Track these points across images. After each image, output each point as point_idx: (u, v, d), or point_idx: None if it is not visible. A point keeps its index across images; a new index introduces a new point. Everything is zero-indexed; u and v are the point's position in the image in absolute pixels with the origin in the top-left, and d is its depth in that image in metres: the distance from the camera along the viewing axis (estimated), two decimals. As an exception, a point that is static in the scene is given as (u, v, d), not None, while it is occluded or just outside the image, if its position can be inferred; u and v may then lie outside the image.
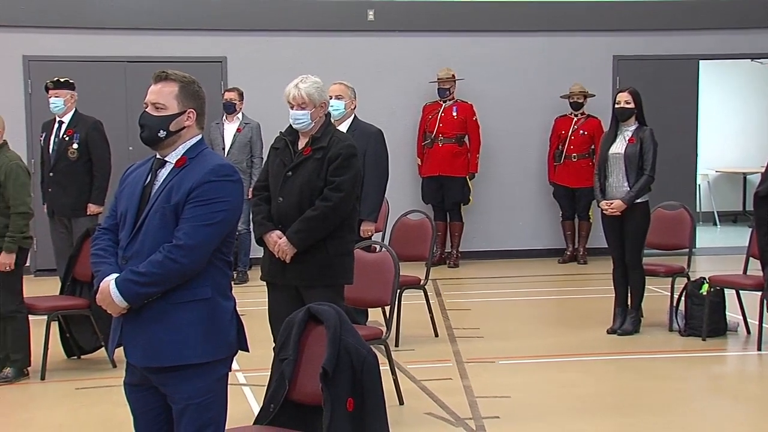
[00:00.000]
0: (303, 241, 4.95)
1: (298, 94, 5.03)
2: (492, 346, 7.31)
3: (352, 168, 5.07)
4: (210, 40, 10.92)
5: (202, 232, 3.32)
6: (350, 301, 5.43)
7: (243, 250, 9.94)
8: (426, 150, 11.10)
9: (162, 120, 3.44)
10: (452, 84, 11.04)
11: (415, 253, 7.67)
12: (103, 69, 10.63)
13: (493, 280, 10.35)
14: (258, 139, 9.95)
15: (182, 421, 3.40)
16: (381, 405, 3.78)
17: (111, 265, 3.42)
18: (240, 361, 3.59)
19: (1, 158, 6.27)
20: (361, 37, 11.25)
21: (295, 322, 3.93)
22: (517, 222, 11.65)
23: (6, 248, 6.19)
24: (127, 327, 3.41)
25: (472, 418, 5.52)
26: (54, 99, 7.99)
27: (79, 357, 6.92)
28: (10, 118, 6.63)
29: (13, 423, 5.65)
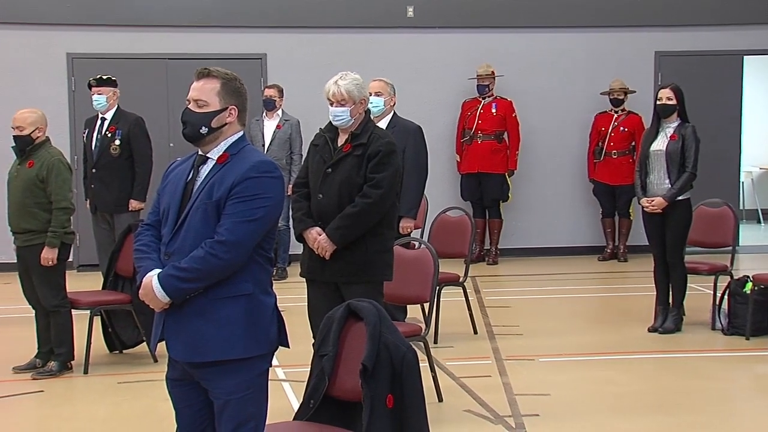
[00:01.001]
0: (343, 238, 4.96)
1: (338, 91, 5.04)
2: (532, 343, 7.28)
3: (391, 165, 5.07)
4: (250, 37, 10.97)
5: (243, 228, 3.34)
6: (389, 298, 5.44)
7: (282, 246, 9.98)
8: (465, 147, 11.07)
9: (204, 117, 3.46)
10: (491, 80, 10.99)
11: (454, 250, 7.65)
12: (144, 66, 10.72)
13: (532, 278, 10.30)
14: (297, 136, 9.98)
15: (223, 416, 3.42)
16: (420, 402, 3.77)
17: (153, 261, 3.45)
18: (279, 356, 3.61)
19: (43, 154, 6.36)
20: (401, 33, 11.24)
21: (335, 318, 3.94)
22: (557, 219, 11.58)
23: (48, 243, 6.27)
24: (169, 322, 3.44)
25: (511, 415, 5.50)
26: (97, 96, 8.09)
27: (121, 351, 6.99)
28: (54, 114, 6.73)
29: (57, 416, 5.73)
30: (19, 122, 6.33)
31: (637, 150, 9.95)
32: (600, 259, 11.23)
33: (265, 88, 10.20)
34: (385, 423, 3.65)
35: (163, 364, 3.61)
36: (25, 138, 6.33)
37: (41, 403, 5.99)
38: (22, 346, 6.85)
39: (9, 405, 5.89)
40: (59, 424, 5.54)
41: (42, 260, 6.27)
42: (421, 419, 3.76)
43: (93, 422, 5.57)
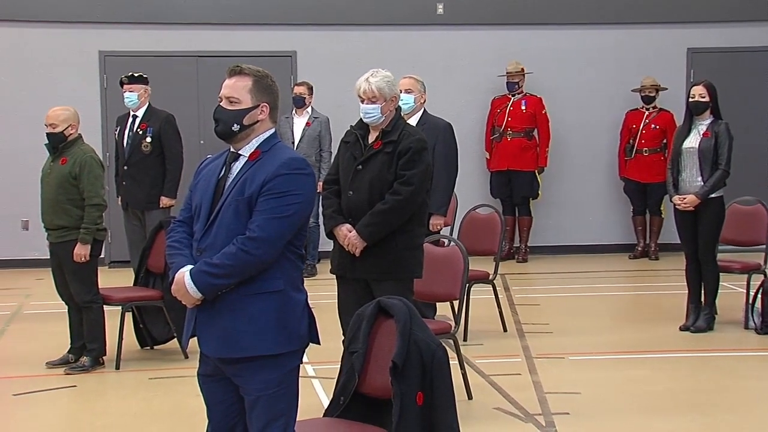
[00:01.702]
0: (373, 235, 4.96)
1: (369, 88, 5.04)
2: (562, 341, 7.25)
3: (422, 162, 5.06)
4: (280, 35, 11.01)
5: (274, 224, 3.35)
6: (419, 295, 5.43)
7: (312, 243, 10.00)
8: (494, 144, 11.04)
9: (236, 114, 3.47)
10: (521, 78, 10.95)
11: (484, 248, 7.63)
12: (175, 64, 10.79)
13: (562, 276, 10.26)
14: (327, 133, 10.00)
15: (254, 412, 3.43)
16: (450, 399, 3.77)
17: (186, 257, 3.47)
18: (309, 353, 3.61)
19: (75, 151, 6.41)
20: (431, 30, 11.22)
21: (365, 315, 3.95)
22: (587, 217, 11.52)
23: (81, 239, 6.32)
24: (201, 318, 3.46)
25: (541, 413, 5.47)
26: (128, 93, 8.14)
27: (152, 347, 7.04)
28: (86, 112, 6.78)
29: (90, 411, 5.78)
30: (52, 119, 6.38)
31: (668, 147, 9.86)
32: (631, 257, 11.15)
33: (295, 85, 10.22)
34: (415, 420, 3.65)
35: (194, 360, 3.63)
36: (58, 135, 6.39)
37: (74, 397, 6.05)
38: (55, 341, 6.92)
39: (42, 399, 5.95)
40: (91, 419, 5.59)
41: (75, 256, 6.32)
42: (451, 417, 3.75)
43: (125, 417, 5.61)
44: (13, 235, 10.60)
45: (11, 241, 10.61)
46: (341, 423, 3.85)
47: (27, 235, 10.49)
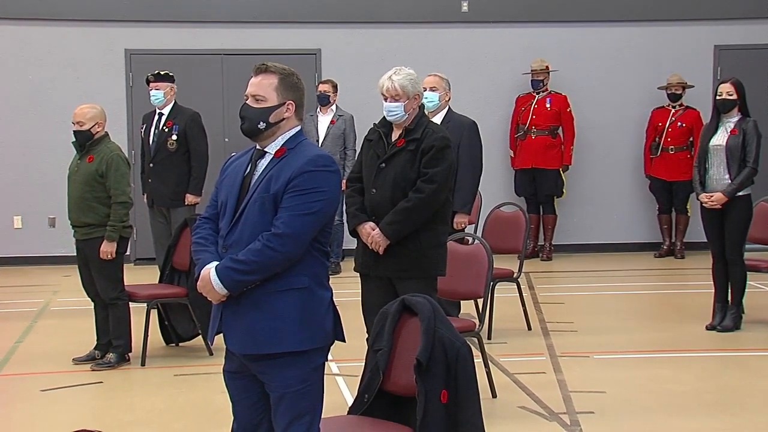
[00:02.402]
0: (396, 233, 4.96)
1: (392, 86, 5.04)
2: (586, 340, 7.22)
3: (445, 160, 5.06)
4: (305, 33, 11.03)
5: (300, 221, 3.36)
6: (443, 293, 5.42)
7: (336, 241, 10.01)
8: (519, 142, 11.01)
9: (262, 112, 3.48)
10: (546, 75, 10.91)
11: (508, 246, 7.61)
12: (201, 62, 10.84)
13: (587, 274, 10.21)
14: (351, 131, 10.00)
15: (279, 408, 3.44)
16: (475, 397, 3.76)
17: (211, 254, 3.48)
18: (333, 351, 3.62)
19: (102, 149, 6.45)
20: (455, 28, 11.21)
21: (390, 313, 3.95)
22: (612, 215, 11.46)
23: (107, 237, 6.36)
24: (226, 314, 3.47)
25: (566, 412, 5.46)
26: (154, 91, 8.18)
27: (177, 344, 7.07)
28: (112, 110, 6.83)
29: (116, 407, 5.81)
30: (79, 117, 6.43)
31: (695, 145, 9.81)
32: (656, 255, 11.09)
33: (319, 83, 10.23)
34: (439, 418, 3.65)
35: (219, 357, 3.65)
36: (85, 133, 6.43)
37: (100, 393, 6.09)
38: (81, 337, 6.97)
39: (69, 395, 6.00)
40: (117, 415, 5.63)
41: (101, 253, 6.36)
42: (476, 415, 3.75)
43: (150, 413, 5.64)
44: (40, 232, 10.69)
45: (38, 238, 10.70)
46: (366, 421, 3.86)
47: (54, 232, 10.58)
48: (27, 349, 7.14)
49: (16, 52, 10.64)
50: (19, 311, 8.39)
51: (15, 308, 8.53)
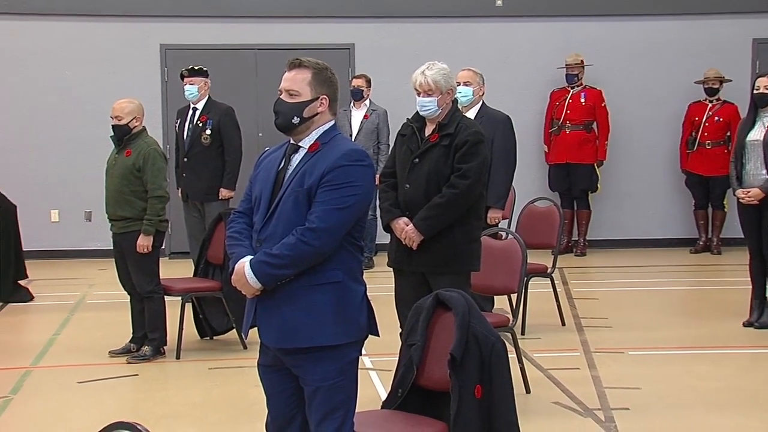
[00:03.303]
0: (430, 228, 4.96)
1: (425, 81, 5.03)
2: (621, 336, 7.17)
3: (479, 155, 5.04)
4: (338, 27, 11.03)
5: (334, 215, 3.37)
6: (477, 288, 5.41)
7: (369, 236, 10.01)
8: (553, 137, 10.95)
9: (296, 106, 3.49)
10: (580, 70, 10.84)
11: (542, 241, 7.58)
12: (234, 57, 10.88)
13: (621, 270, 10.14)
14: (385, 126, 10.00)
15: (313, 402, 3.45)
16: (509, 393, 3.76)
17: (246, 248, 3.50)
18: (366, 345, 3.62)
19: (139, 143, 6.50)
20: (489, 23, 11.16)
21: (423, 308, 3.95)
22: (647, 210, 11.36)
23: (144, 231, 6.41)
24: (260, 308, 3.48)
25: (600, 408, 5.42)
26: (189, 86, 8.23)
27: (211, 338, 7.11)
28: (147, 105, 6.87)
29: (151, 399, 5.86)
30: (117, 112, 6.48)
31: (732, 140, 9.69)
32: (692, 251, 10.98)
33: (353, 78, 10.24)
34: (473, 413, 3.65)
35: (253, 351, 3.67)
36: (123, 127, 6.48)
37: (136, 386, 6.15)
38: (117, 330, 7.03)
39: (105, 387, 6.06)
40: (152, 407, 5.68)
41: (137, 247, 6.41)
42: (510, 410, 3.74)
43: (185, 406, 5.68)
44: (77, 226, 10.80)
45: (75, 231, 10.81)
46: (399, 415, 3.86)
47: (90, 226, 10.68)
48: (64, 341, 7.22)
49: (54, 48, 10.74)
50: (57, 304, 8.49)
51: (52, 301, 8.62)
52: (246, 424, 5.25)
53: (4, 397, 5.78)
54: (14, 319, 8.04)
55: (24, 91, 10.66)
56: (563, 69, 10.88)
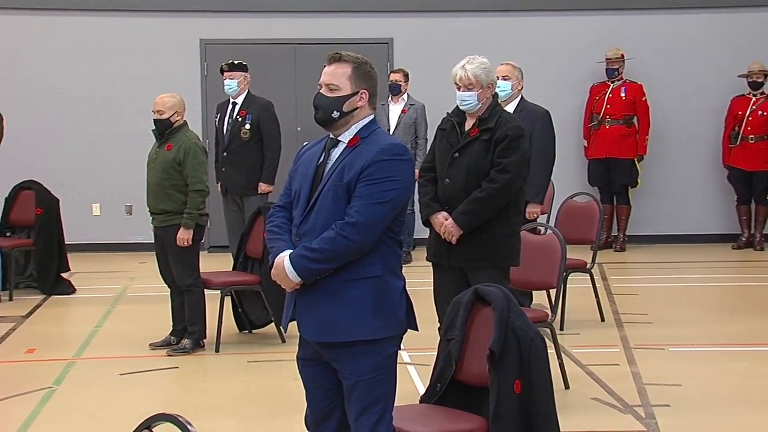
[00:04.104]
0: (469, 223, 4.94)
1: (465, 75, 5.01)
2: (661, 332, 7.10)
3: (519, 149, 5.02)
4: (377, 22, 11.03)
5: (373, 210, 3.37)
6: (515, 284, 5.39)
7: (407, 230, 10.01)
8: (592, 131, 10.87)
9: (335, 101, 3.49)
10: (621, 64, 10.74)
11: (581, 236, 7.54)
12: (274, 51, 10.91)
13: (661, 265, 10.04)
14: (423, 120, 9.98)
15: (352, 396, 3.46)
16: (548, 388, 3.74)
17: (285, 242, 3.51)
18: (404, 340, 3.62)
19: (180, 138, 6.54)
20: (529, 17, 11.09)
21: (462, 302, 3.94)
22: (688, 206, 11.23)
23: (184, 224, 6.46)
24: (300, 302, 3.50)
25: (640, 405, 5.38)
26: (228, 81, 8.27)
27: (250, 331, 7.15)
28: (186, 99, 6.91)
29: (191, 392, 5.92)
30: (159, 106, 6.53)
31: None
32: (734, 247, 10.84)
33: (391, 72, 10.23)
34: (512, 408, 3.64)
35: (291, 344, 3.69)
36: (164, 122, 6.53)
37: (176, 378, 6.20)
38: (157, 323, 7.10)
39: (146, 379, 6.12)
40: (192, 400, 5.72)
41: (178, 240, 6.46)
42: (549, 406, 3.73)
43: (224, 399, 5.72)
44: (118, 219, 10.91)
45: (116, 225, 10.91)
46: (438, 410, 3.86)
47: (130, 219, 10.79)
48: (106, 333, 7.30)
49: (95, 42, 10.85)
50: (98, 296, 8.59)
51: (94, 293, 8.73)
52: (285, 417, 5.27)
53: (48, 388, 5.86)
54: (57, 311, 8.15)
55: (66, 86, 10.78)
56: (603, 63, 10.79)
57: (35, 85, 10.71)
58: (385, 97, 10.03)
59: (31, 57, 10.74)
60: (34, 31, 10.80)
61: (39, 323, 7.64)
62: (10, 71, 10.61)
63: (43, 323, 7.66)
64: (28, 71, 10.72)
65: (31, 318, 7.78)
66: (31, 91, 10.68)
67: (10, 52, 10.69)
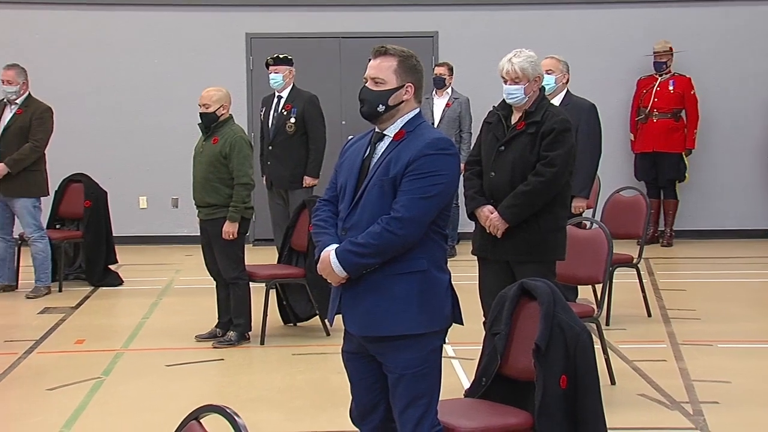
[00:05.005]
0: (515, 216, 4.92)
1: (512, 68, 4.98)
2: (710, 328, 7.02)
3: (565, 143, 4.99)
4: (422, 15, 11.01)
5: (419, 204, 3.37)
6: (561, 278, 5.35)
7: (452, 224, 9.99)
8: (639, 125, 10.76)
9: (381, 94, 3.49)
10: (669, 57, 10.61)
11: (628, 231, 7.48)
12: (318, 45, 10.94)
13: (710, 261, 9.92)
14: (467, 114, 9.95)
15: (397, 390, 3.46)
16: (595, 384, 3.72)
17: (331, 236, 3.52)
18: (449, 334, 3.61)
19: (226, 131, 6.59)
20: (574, 9, 11.00)
21: (508, 297, 3.93)
22: (737, 200, 11.07)
23: (229, 218, 6.50)
24: (345, 296, 3.50)
25: (688, 401, 5.32)
26: (274, 75, 8.30)
27: (294, 324, 7.18)
28: (232, 93, 6.95)
29: (236, 384, 5.96)
30: (205, 100, 6.58)
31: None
32: (784, 242, 10.69)
33: (436, 66, 10.21)
34: (558, 404, 3.62)
35: (335, 337, 3.70)
36: (210, 115, 6.57)
37: (221, 371, 6.25)
38: (203, 315, 7.16)
39: (192, 371, 6.18)
40: (237, 392, 5.77)
41: (223, 234, 6.51)
42: (596, 402, 3.70)
43: (269, 391, 5.76)
44: (164, 212, 11.02)
45: (162, 218, 11.03)
46: (483, 404, 3.85)
47: (176, 212, 10.90)
48: (153, 325, 7.38)
49: (142, 37, 10.96)
50: (145, 288, 8.69)
51: (141, 285, 8.83)
52: (330, 409, 5.29)
53: (96, 378, 5.95)
54: (105, 303, 8.26)
55: (114, 80, 10.91)
56: (650, 57, 10.66)
57: (84, 80, 10.85)
58: (430, 90, 10.01)
59: (79, 52, 10.87)
60: (82, 26, 10.93)
61: (88, 314, 7.75)
62: (60, 66, 10.76)
63: (92, 314, 7.77)
64: (77, 66, 10.86)
65: (80, 309, 7.89)
66: (80, 86, 10.82)
67: (59, 47, 10.84)
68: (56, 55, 10.81)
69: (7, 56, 9.18)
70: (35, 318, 7.56)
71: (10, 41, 10.58)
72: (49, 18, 10.91)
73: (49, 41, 10.83)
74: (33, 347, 6.68)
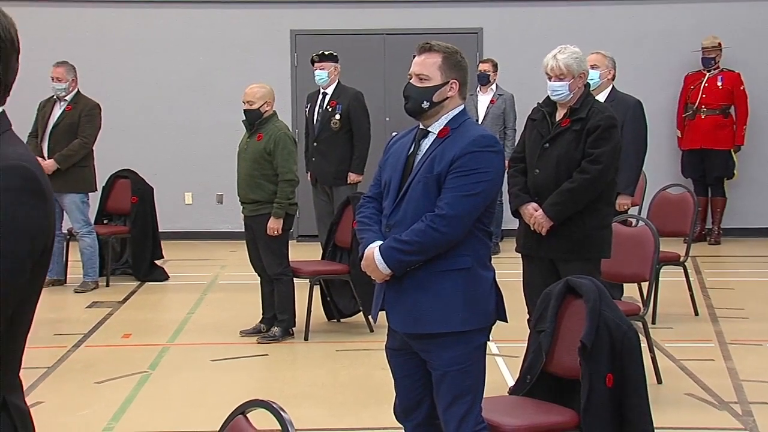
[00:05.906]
0: (560, 214, 4.88)
1: (557, 65, 4.94)
2: (759, 327, 6.91)
3: (611, 140, 4.94)
4: (466, 12, 10.97)
5: (463, 202, 3.36)
6: (606, 276, 5.31)
7: (496, 221, 9.95)
8: (687, 122, 10.62)
9: (426, 91, 3.49)
10: (718, 53, 10.46)
11: (674, 229, 7.40)
12: (363, 41, 10.95)
13: (758, 259, 9.77)
14: (511, 111, 9.89)
15: (441, 387, 3.46)
16: (641, 383, 3.69)
17: (375, 233, 3.52)
18: (493, 331, 3.60)
19: (270, 127, 6.62)
20: (620, 5, 10.89)
21: (553, 294, 3.91)
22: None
23: (274, 214, 6.54)
24: (389, 293, 3.51)
25: (737, 402, 5.25)
26: (319, 71, 8.32)
27: (338, 320, 7.20)
28: (277, 89, 6.99)
29: (280, 379, 6.00)
30: (249, 97, 6.62)
31: None
32: (835, 241, 10.50)
33: (480, 62, 10.17)
34: (604, 402, 3.59)
35: (379, 334, 3.71)
36: (255, 112, 6.61)
37: (266, 366, 6.29)
38: (248, 311, 7.20)
39: (237, 366, 6.22)
40: (282, 387, 5.80)
41: (268, 230, 6.54)
42: (642, 401, 3.67)
43: (313, 387, 5.78)
44: (209, 208, 11.11)
45: (207, 214, 11.12)
46: (528, 401, 3.84)
47: (221, 208, 10.98)
48: (198, 320, 7.45)
49: (187, 34, 11.05)
50: (190, 284, 8.76)
51: (186, 281, 8.90)
52: (373, 406, 5.30)
53: (143, 372, 6.02)
54: (151, 298, 8.35)
55: (159, 77, 11.01)
56: (698, 52, 10.52)
57: (130, 77, 10.97)
58: (474, 87, 9.97)
59: (125, 49, 10.99)
60: (129, 23, 11.05)
61: (134, 309, 7.84)
62: (107, 64, 10.88)
63: (139, 309, 7.86)
64: (124, 63, 10.98)
65: (126, 303, 7.99)
66: (127, 83, 10.94)
67: (106, 45, 10.96)
68: (104, 52, 10.93)
69: (56, 54, 9.31)
70: (83, 312, 7.67)
71: (59, 39, 10.73)
72: (96, 15, 11.04)
73: (97, 38, 10.95)
74: (81, 341, 6.78)
